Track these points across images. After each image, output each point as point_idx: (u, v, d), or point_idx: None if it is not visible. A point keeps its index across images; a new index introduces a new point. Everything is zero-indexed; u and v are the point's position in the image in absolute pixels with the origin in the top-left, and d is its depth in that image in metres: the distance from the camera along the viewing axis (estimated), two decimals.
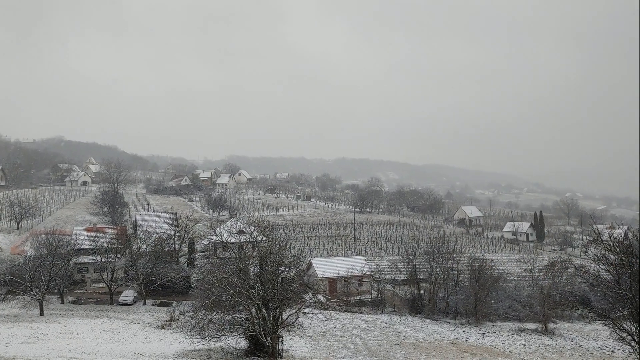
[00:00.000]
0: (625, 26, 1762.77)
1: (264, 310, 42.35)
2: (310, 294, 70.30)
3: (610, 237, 48.53)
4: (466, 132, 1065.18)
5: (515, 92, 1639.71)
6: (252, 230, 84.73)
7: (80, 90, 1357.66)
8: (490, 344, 57.06)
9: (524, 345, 57.10)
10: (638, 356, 42.62)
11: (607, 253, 47.57)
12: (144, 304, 73.25)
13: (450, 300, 73.01)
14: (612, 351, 55.35)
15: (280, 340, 43.81)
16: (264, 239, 78.02)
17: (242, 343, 44.42)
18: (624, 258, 44.89)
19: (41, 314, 63.31)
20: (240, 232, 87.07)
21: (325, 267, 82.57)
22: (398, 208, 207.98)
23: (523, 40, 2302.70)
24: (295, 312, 44.58)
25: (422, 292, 75.95)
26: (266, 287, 42.55)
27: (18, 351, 42.13)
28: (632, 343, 42.42)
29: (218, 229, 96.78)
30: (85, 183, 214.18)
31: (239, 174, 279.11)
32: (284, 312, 43.83)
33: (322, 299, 74.78)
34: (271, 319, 42.53)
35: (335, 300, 77.28)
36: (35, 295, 64.11)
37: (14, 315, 62.96)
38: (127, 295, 73.84)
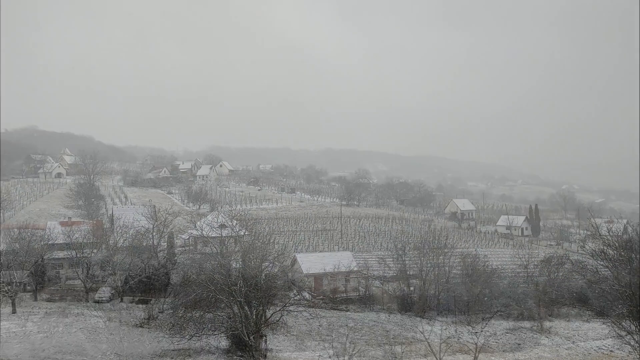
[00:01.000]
0: (623, 13, 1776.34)
1: (246, 308, 42.07)
2: (294, 291, 69.84)
3: (608, 232, 48.78)
4: (459, 121, 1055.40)
5: (509, 81, 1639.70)
6: (234, 224, 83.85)
7: (54, 77, 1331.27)
8: (484, 342, 55.64)
9: (519, 344, 56.54)
10: (638, 355, 42.22)
11: (605, 248, 47.74)
12: (121, 301, 71.81)
13: (442, 297, 72.19)
14: (611, 350, 54.71)
15: (263, 339, 43.86)
16: (246, 233, 77.03)
17: (224, 342, 44.42)
18: (623, 253, 45.21)
19: (13, 311, 61.83)
20: (222, 226, 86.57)
21: (311, 262, 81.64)
22: (387, 201, 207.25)
23: (518, 27, 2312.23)
24: (280, 309, 44.78)
25: (412, 289, 75.22)
26: (249, 283, 42.87)
27: None
28: (632, 342, 42.07)
29: (199, 223, 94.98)
30: (59, 175, 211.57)
31: (221, 166, 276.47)
32: (267, 310, 43.94)
33: (307, 296, 74.04)
34: (254, 317, 42.39)
35: (321, 297, 76.37)
36: (7, 293, 62.64)
37: None
38: (103, 292, 72.50)
